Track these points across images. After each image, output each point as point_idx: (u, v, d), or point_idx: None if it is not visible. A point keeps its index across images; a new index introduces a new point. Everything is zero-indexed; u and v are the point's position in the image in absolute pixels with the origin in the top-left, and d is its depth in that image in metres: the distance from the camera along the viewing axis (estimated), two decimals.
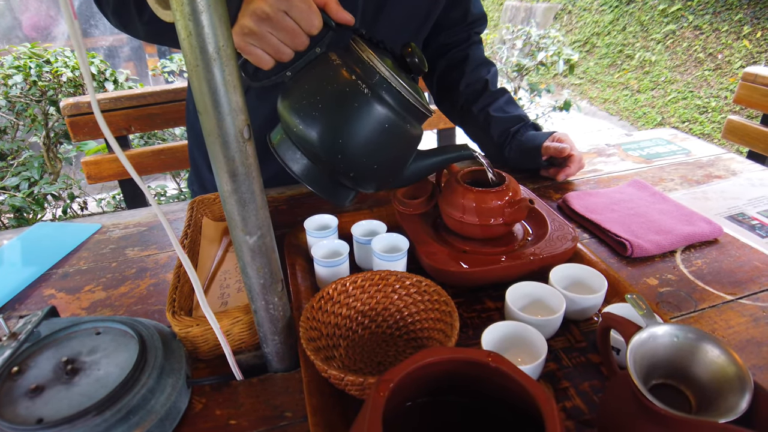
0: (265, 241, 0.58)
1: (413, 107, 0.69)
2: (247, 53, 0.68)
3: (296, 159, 0.71)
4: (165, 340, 0.67)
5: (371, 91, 0.66)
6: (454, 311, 0.62)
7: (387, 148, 0.69)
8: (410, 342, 0.68)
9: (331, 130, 0.66)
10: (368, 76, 0.66)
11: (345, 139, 0.66)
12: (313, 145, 0.67)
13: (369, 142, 0.67)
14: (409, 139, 0.71)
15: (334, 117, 0.66)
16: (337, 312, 0.68)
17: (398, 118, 0.68)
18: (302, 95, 0.68)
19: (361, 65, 0.67)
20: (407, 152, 0.74)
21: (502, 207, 0.78)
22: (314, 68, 0.69)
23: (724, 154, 1.28)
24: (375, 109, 0.66)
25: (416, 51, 0.72)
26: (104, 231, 1.06)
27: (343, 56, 0.69)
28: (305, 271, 0.83)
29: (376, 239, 0.79)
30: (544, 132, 1.12)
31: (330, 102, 0.66)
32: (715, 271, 0.84)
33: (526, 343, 0.63)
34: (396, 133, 0.68)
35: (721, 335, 0.70)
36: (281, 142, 0.72)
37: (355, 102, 0.65)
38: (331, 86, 0.66)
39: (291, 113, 0.68)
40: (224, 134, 0.50)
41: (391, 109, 0.67)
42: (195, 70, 0.48)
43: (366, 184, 0.73)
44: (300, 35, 0.67)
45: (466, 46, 1.21)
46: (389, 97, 0.67)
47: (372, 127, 0.66)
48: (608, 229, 0.91)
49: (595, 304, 0.70)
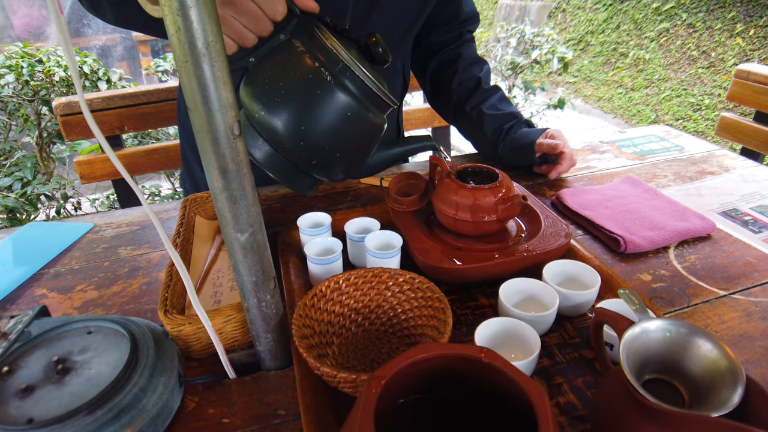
0: (257, 239, 0.58)
1: (376, 96, 0.69)
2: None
3: (258, 146, 0.70)
4: (157, 339, 0.66)
5: (334, 79, 0.66)
6: (448, 308, 0.62)
7: (349, 136, 0.69)
8: (404, 339, 0.68)
9: (293, 117, 0.66)
10: (331, 64, 0.66)
11: (307, 125, 0.66)
12: (276, 131, 0.67)
13: (331, 129, 0.67)
14: (372, 127, 0.71)
15: (297, 103, 0.66)
16: (330, 309, 0.68)
17: (360, 107, 0.68)
18: (265, 81, 0.67)
19: (324, 53, 0.67)
20: (370, 141, 0.74)
21: (495, 204, 0.78)
22: (277, 55, 0.69)
23: (717, 150, 1.29)
24: (337, 96, 0.66)
25: (380, 41, 0.72)
26: (96, 230, 1.06)
27: (306, 43, 0.69)
28: (299, 269, 0.83)
29: (370, 236, 0.78)
30: (537, 129, 1.12)
31: (292, 88, 0.66)
32: (708, 266, 0.84)
33: (519, 339, 0.63)
34: (358, 122, 0.68)
35: (714, 330, 0.71)
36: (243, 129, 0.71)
37: (318, 89, 0.65)
38: (294, 73, 0.66)
39: (253, 99, 0.67)
40: (214, 131, 0.50)
41: (354, 97, 0.67)
42: (184, 66, 0.47)
43: (328, 171, 0.73)
44: (264, 21, 0.66)
45: (459, 45, 1.21)
46: (352, 85, 0.67)
47: (334, 114, 0.66)
48: (602, 226, 0.91)
49: (588, 300, 0.70)
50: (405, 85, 1.21)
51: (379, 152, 0.78)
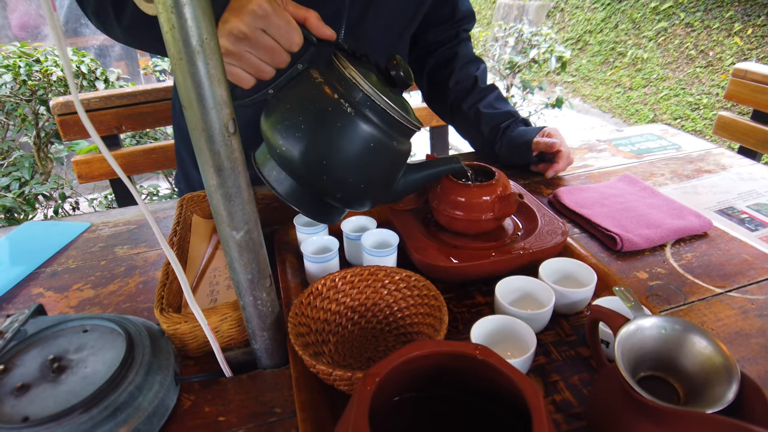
0: (252, 237, 0.58)
1: (399, 124, 0.67)
2: (226, 73, 0.66)
3: (281, 180, 0.69)
4: (153, 338, 0.66)
5: (354, 110, 0.64)
6: (443, 306, 0.62)
7: (374, 166, 0.67)
8: (400, 337, 0.68)
9: (314, 151, 0.64)
10: (351, 94, 0.64)
11: (329, 159, 0.64)
12: (297, 166, 0.65)
13: (354, 161, 0.65)
14: (397, 155, 0.69)
15: (317, 137, 0.64)
16: (327, 308, 0.68)
17: (384, 136, 0.66)
18: (284, 115, 0.65)
19: (343, 83, 0.65)
20: (395, 169, 0.72)
21: (491, 202, 0.78)
22: (296, 86, 0.67)
23: (714, 149, 1.29)
24: (359, 127, 0.64)
25: (401, 63, 0.70)
26: (93, 229, 1.05)
27: (324, 73, 0.67)
28: (295, 268, 0.83)
29: (366, 235, 0.78)
30: (534, 127, 1.12)
31: (312, 122, 0.64)
32: (704, 264, 0.84)
33: (515, 337, 0.63)
34: (382, 151, 0.66)
35: (711, 328, 0.71)
36: (266, 163, 0.70)
37: (338, 121, 0.63)
38: (313, 105, 0.64)
39: (274, 133, 0.66)
40: (209, 128, 0.50)
41: (376, 127, 0.65)
42: (178, 63, 0.47)
43: (354, 203, 0.71)
44: (280, 53, 0.65)
45: (455, 44, 1.21)
46: (373, 115, 0.65)
47: (357, 146, 0.64)
48: (598, 224, 0.91)
49: (584, 297, 0.70)
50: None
51: (405, 177, 0.75)
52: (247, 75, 0.66)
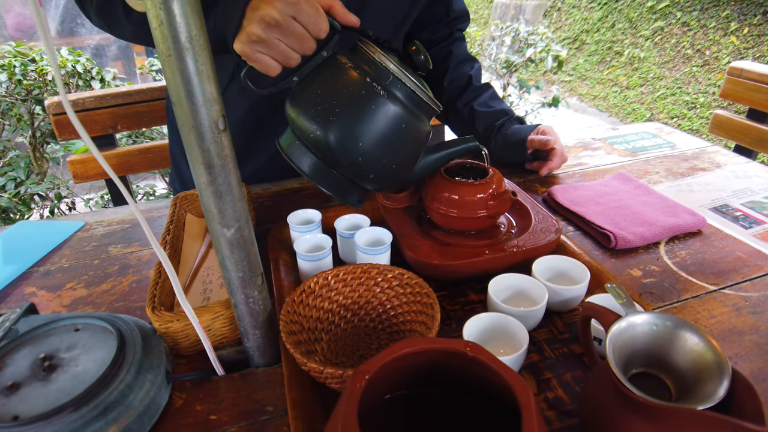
0: (243, 234, 0.57)
1: (425, 104, 0.69)
2: (254, 61, 0.66)
3: (310, 163, 0.70)
4: (145, 336, 0.66)
5: (386, 92, 0.66)
6: (436, 303, 0.62)
7: (404, 146, 0.69)
8: (393, 335, 0.68)
9: (351, 134, 0.65)
10: (381, 77, 0.66)
11: (365, 141, 0.66)
12: (333, 149, 0.66)
13: (387, 142, 0.67)
14: (423, 135, 0.72)
15: (353, 120, 0.65)
16: (319, 306, 0.68)
17: (412, 117, 0.68)
18: (316, 100, 0.66)
19: (372, 66, 0.67)
20: (421, 148, 0.74)
21: (485, 199, 0.78)
22: (324, 72, 0.68)
23: (709, 147, 1.29)
24: (391, 109, 0.66)
25: (421, 49, 0.72)
26: (87, 229, 1.05)
27: (352, 58, 0.68)
28: (289, 266, 0.82)
29: (360, 233, 0.78)
30: (529, 125, 1.12)
31: (347, 105, 0.65)
32: (698, 261, 0.84)
33: (508, 334, 0.63)
34: (411, 131, 0.69)
35: (704, 325, 0.71)
36: (292, 147, 0.71)
37: (372, 104, 0.65)
38: (346, 90, 0.66)
39: (306, 119, 0.67)
40: (199, 125, 0.50)
41: (405, 107, 0.67)
42: (167, 60, 0.47)
43: (383, 182, 0.72)
44: (308, 40, 0.65)
45: (449, 43, 1.21)
46: (403, 96, 0.67)
47: (390, 127, 0.66)
48: (592, 222, 0.91)
49: (577, 295, 0.70)
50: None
51: (425, 158, 0.77)
52: (275, 63, 0.66)
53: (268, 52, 0.65)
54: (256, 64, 0.66)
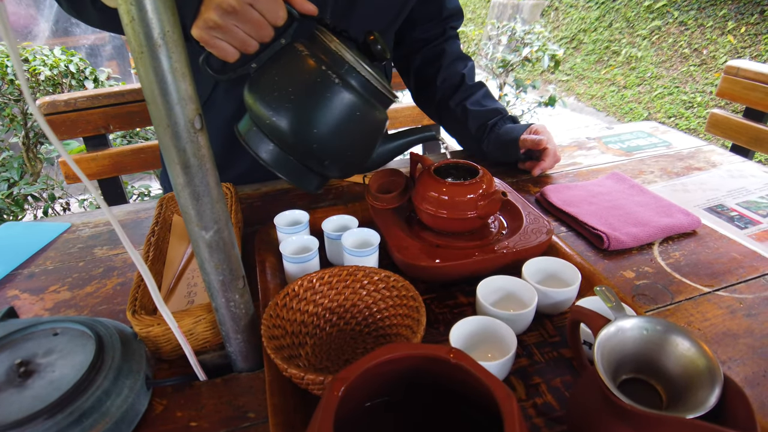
0: (223, 236, 0.56)
1: (380, 93, 0.70)
2: (212, 47, 0.67)
3: (267, 149, 0.70)
4: (125, 341, 0.64)
5: (341, 80, 0.66)
6: (422, 306, 0.60)
7: (359, 133, 0.70)
8: (379, 339, 0.66)
9: (306, 121, 0.66)
10: (337, 65, 0.67)
11: (320, 128, 0.66)
12: (288, 135, 0.67)
13: (342, 129, 0.67)
14: (378, 123, 0.72)
15: (308, 107, 0.66)
16: (303, 309, 0.66)
17: (367, 105, 0.69)
18: (273, 87, 0.67)
19: (329, 55, 0.68)
20: (376, 136, 0.74)
21: (475, 200, 0.77)
22: (281, 59, 0.69)
23: (705, 146, 1.28)
24: (346, 96, 0.66)
25: (379, 39, 0.72)
26: (73, 230, 1.03)
27: (309, 47, 0.69)
28: (275, 269, 0.81)
29: (347, 234, 0.77)
30: (522, 124, 1.10)
31: (303, 93, 0.66)
32: (692, 263, 0.82)
33: (496, 338, 0.61)
34: (366, 119, 0.69)
35: (697, 328, 0.69)
36: (249, 132, 0.71)
37: (327, 92, 0.66)
38: (302, 77, 0.66)
39: (262, 105, 0.67)
40: (174, 124, 0.48)
41: (360, 96, 0.68)
42: (140, 57, 0.46)
43: (339, 169, 0.73)
44: (266, 27, 0.66)
45: (442, 41, 1.19)
46: (358, 84, 0.68)
47: (344, 114, 0.67)
48: (585, 222, 0.89)
49: (568, 297, 0.68)
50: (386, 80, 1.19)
51: (382, 146, 0.78)
52: (232, 49, 0.67)
53: (226, 38, 0.66)
54: (214, 50, 0.67)
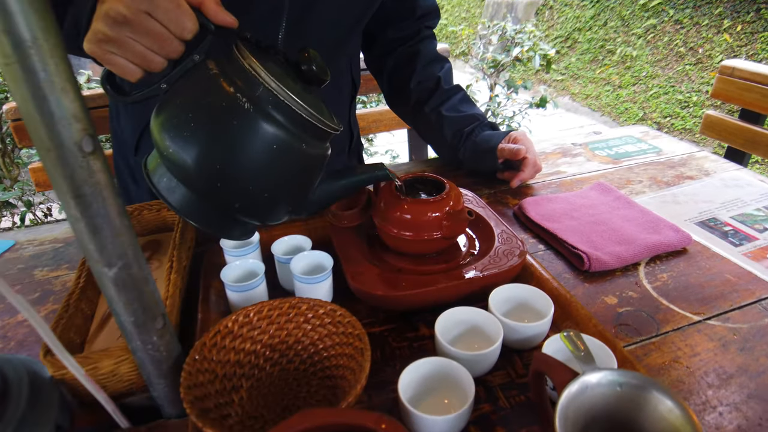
0: (132, 272, 0.48)
1: (308, 123, 0.58)
2: (108, 63, 0.57)
3: (173, 188, 0.59)
4: (36, 385, 0.56)
5: (254, 106, 0.55)
6: (367, 349, 0.53)
7: (279, 172, 0.58)
8: (324, 381, 0.58)
9: (206, 154, 0.55)
10: (250, 88, 0.55)
11: (224, 163, 0.55)
12: (187, 171, 0.56)
13: (255, 166, 0.56)
14: (307, 160, 0.60)
15: (209, 137, 0.55)
16: (239, 348, 0.59)
17: (290, 137, 0.57)
18: (173, 112, 0.57)
19: (242, 75, 0.56)
20: (307, 176, 0.63)
21: (439, 219, 0.69)
22: (189, 80, 0.58)
23: (698, 152, 1.20)
24: (259, 126, 0.55)
25: (314, 57, 0.61)
26: (17, 248, 0.96)
27: (222, 65, 0.58)
28: (221, 297, 0.73)
29: (296, 259, 0.69)
30: (500, 132, 1.03)
31: (204, 119, 0.55)
32: (681, 286, 0.75)
33: (455, 382, 0.54)
34: (288, 155, 0.58)
35: (685, 365, 0.61)
36: (156, 169, 0.60)
37: (234, 119, 0.54)
38: (205, 101, 0.55)
39: (162, 134, 0.56)
40: (58, 147, 0.40)
41: (280, 126, 0.56)
42: (7, 69, 0.38)
43: (258, 215, 0.62)
44: (170, 40, 0.56)
45: (417, 41, 1.11)
46: (277, 112, 0.56)
47: (257, 148, 0.55)
48: (564, 240, 0.82)
49: (539, 332, 0.61)
50: (354, 85, 1.11)
51: (324, 186, 0.66)
52: (132, 65, 0.57)
53: (121, 53, 0.55)
54: (111, 66, 0.57)
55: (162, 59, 0.57)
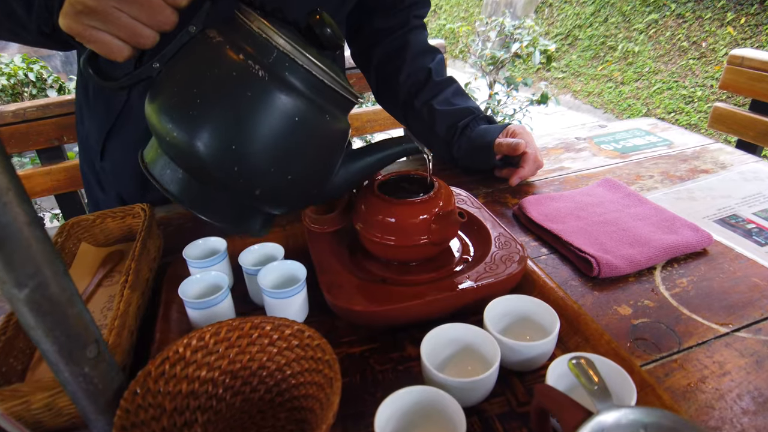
0: (50, 293, 0.40)
1: (332, 90, 0.51)
2: (90, 41, 0.48)
3: (178, 180, 0.51)
4: None
5: (268, 73, 0.48)
6: (337, 379, 0.44)
7: (302, 149, 0.51)
8: (293, 413, 0.50)
9: (217, 134, 0.47)
10: (262, 54, 0.48)
11: (240, 143, 0.47)
12: (196, 157, 0.48)
13: (275, 144, 0.48)
14: (333, 134, 0.53)
15: (220, 114, 0.47)
16: (193, 376, 0.50)
17: (312, 108, 0.49)
18: (174, 91, 0.49)
19: (252, 40, 0.49)
20: (332, 154, 0.55)
21: (427, 222, 0.61)
22: (188, 53, 0.50)
23: (711, 144, 1.11)
24: (276, 96, 0.47)
25: (327, 19, 0.53)
26: None
27: (226, 32, 0.50)
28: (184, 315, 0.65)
29: (265, 270, 0.61)
30: (498, 125, 0.94)
31: (212, 94, 0.47)
32: (703, 292, 0.66)
33: (444, 414, 0.45)
34: (312, 128, 0.50)
35: (714, 387, 0.53)
36: (157, 160, 0.53)
37: (247, 90, 0.47)
38: (212, 72, 0.48)
39: (162, 117, 0.49)
40: None
41: (300, 95, 0.49)
42: None
43: (280, 202, 0.54)
44: (162, 9, 0.48)
45: (406, 32, 1.03)
46: (295, 78, 0.49)
47: (277, 122, 0.48)
48: (570, 243, 0.73)
49: (543, 352, 0.52)
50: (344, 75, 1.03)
51: (346, 166, 0.58)
52: (118, 42, 0.49)
53: (106, 27, 0.47)
54: (94, 45, 0.49)
55: (153, 33, 0.49)
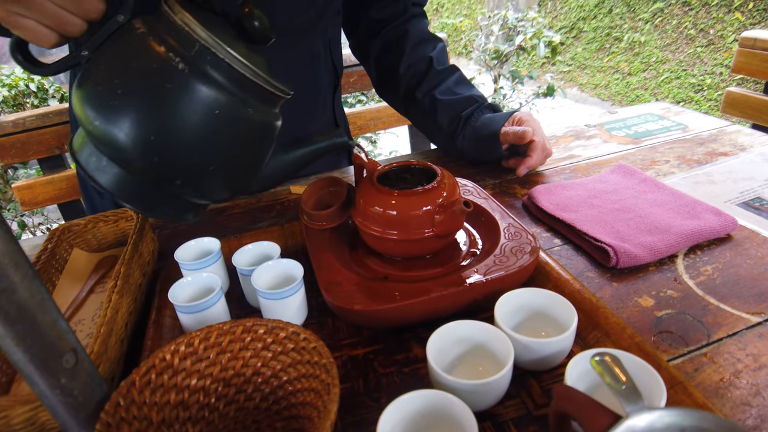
0: (18, 298, 0.36)
1: (254, 84, 0.52)
2: (15, 27, 0.48)
3: (103, 168, 0.52)
4: None
5: (189, 66, 0.48)
6: (335, 384, 0.40)
7: (224, 141, 0.52)
8: (291, 422, 0.46)
9: (137, 124, 0.48)
10: (184, 47, 0.49)
11: (158, 134, 0.48)
12: (118, 146, 0.49)
13: (195, 135, 0.50)
14: (256, 127, 0.54)
15: (140, 105, 0.48)
16: (182, 384, 0.47)
17: (233, 100, 0.51)
18: (97, 80, 0.49)
19: (174, 32, 0.49)
20: (256, 146, 0.56)
21: (431, 213, 0.57)
22: (114, 43, 0.51)
23: (728, 126, 1.06)
24: (197, 89, 0.49)
25: (256, 12, 0.53)
26: None
27: (151, 23, 0.51)
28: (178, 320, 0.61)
29: (260, 270, 0.57)
30: (503, 113, 0.90)
31: (132, 85, 0.48)
32: (731, 280, 0.62)
33: (453, 421, 0.41)
34: (233, 121, 0.51)
35: (749, 381, 0.48)
36: (83, 148, 0.53)
37: (167, 82, 0.48)
38: (134, 64, 0.49)
39: (85, 106, 0.49)
40: None
41: (221, 88, 0.50)
42: None
43: (202, 192, 0.55)
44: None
45: (404, 21, 0.99)
46: (216, 72, 0.50)
47: (196, 114, 0.49)
48: (585, 232, 0.69)
49: (560, 349, 0.48)
50: (336, 73, 0.99)
51: (277, 158, 0.60)
52: (45, 29, 0.48)
53: (31, 14, 0.47)
54: (19, 31, 0.48)
55: (79, 20, 0.49)
